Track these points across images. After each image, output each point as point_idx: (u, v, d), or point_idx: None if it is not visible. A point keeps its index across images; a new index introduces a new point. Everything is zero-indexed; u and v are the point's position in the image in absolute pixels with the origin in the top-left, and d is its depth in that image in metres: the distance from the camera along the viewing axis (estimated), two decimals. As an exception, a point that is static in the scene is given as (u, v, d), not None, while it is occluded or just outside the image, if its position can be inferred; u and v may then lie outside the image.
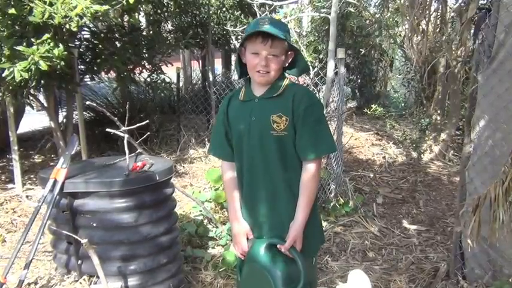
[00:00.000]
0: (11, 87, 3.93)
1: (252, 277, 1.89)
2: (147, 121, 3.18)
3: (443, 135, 5.83)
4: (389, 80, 9.40)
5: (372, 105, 7.98)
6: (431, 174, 5.32)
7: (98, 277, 2.45)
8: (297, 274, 1.76)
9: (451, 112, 5.79)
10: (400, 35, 7.85)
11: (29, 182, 4.98)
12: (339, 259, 3.45)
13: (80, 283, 2.52)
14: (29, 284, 2.61)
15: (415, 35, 4.50)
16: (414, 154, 5.88)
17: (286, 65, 1.91)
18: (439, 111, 6.14)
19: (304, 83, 6.70)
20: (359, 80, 8.77)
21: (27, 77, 3.49)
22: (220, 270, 3.15)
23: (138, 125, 2.93)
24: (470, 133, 2.81)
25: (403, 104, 8.22)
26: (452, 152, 5.79)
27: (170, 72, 6.25)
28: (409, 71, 7.71)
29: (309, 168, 1.82)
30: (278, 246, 1.82)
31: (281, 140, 1.83)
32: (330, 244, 3.67)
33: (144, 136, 3.29)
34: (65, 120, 5.29)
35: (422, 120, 6.28)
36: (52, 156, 5.88)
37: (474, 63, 2.80)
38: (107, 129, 2.80)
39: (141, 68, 5.59)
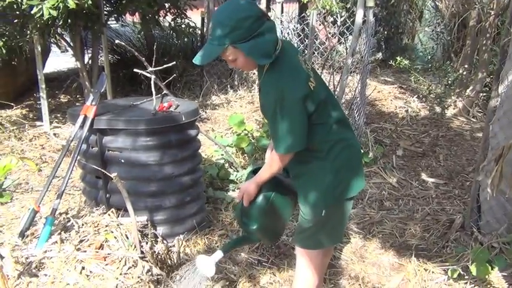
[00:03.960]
0: (38, 25, 3.97)
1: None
2: (174, 62, 3.20)
3: (468, 91, 5.72)
4: (417, 33, 9.13)
5: (397, 58, 7.81)
6: (453, 129, 5.28)
7: (125, 210, 2.58)
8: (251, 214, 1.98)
9: (479, 67, 5.65)
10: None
11: (56, 120, 5.12)
12: (356, 207, 3.53)
13: (109, 215, 2.66)
14: (60, 214, 2.76)
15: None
16: (438, 109, 5.81)
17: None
18: (466, 66, 6.00)
19: (329, 32, 6.59)
20: (386, 32, 8.54)
21: (55, 15, 3.52)
22: (240, 211, 3.26)
23: (164, 66, 2.96)
24: (498, 87, 2.78)
25: (429, 58, 8.01)
26: (477, 108, 5.70)
27: (194, 16, 6.19)
28: (438, 23, 7.47)
29: (273, 155, 1.90)
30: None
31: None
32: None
33: (170, 79, 3.33)
34: (90, 61, 5.35)
35: (449, 74, 6.15)
36: (78, 96, 6.00)
37: (509, 15, 2.72)
38: (135, 70, 2.84)
39: (165, 12, 5.56)
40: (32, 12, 3.57)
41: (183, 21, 5.75)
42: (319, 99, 1.85)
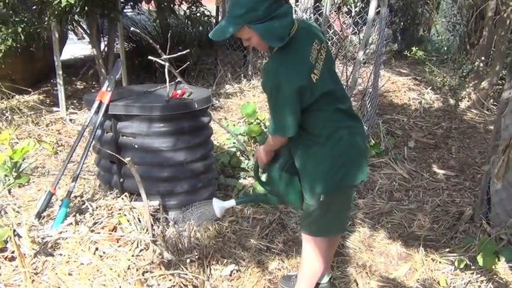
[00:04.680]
0: (56, 12, 4.04)
1: None
2: (188, 50, 3.24)
3: (484, 83, 5.66)
4: (433, 24, 9.02)
5: (412, 49, 7.74)
6: (467, 121, 5.25)
7: (138, 195, 2.64)
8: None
9: (495, 59, 5.59)
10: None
11: (72, 106, 5.20)
12: (366, 197, 3.55)
13: (122, 199, 2.72)
14: (75, 197, 2.83)
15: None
16: (451, 101, 5.77)
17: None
18: (482, 58, 5.93)
19: (344, 22, 6.56)
20: (402, 23, 8.46)
21: (72, 2, 3.58)
22: (251, 199, 3.31)
23: (178, 54, 3.00)
24: (511, 79, 2.76)
25: (445, 49, 7.93)
26: (491, 101, 5.65)
27: (210, 5, 6.21)
28: (455, 14, 7.38)
29: (268, 137, 2.06)
30: None
31: None
32: (360, 182, 3.76)
33: (183, 66, 3.37)
34: (106, 49, 5.41)
35: (464, 66, 6.09)
36: (93, 83, 6.08)
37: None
38: (150, 57, 2.89)
39: (180, 0, 5.58)
40: (50, -1, 3.64)
41: (198, 9, 5.77)
42: (322, 91, 1.88)
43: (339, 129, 1.94)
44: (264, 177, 2.29)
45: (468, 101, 5.73)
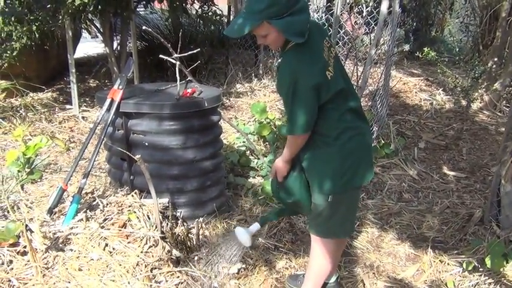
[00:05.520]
0: (70, 11, 4.09)
1: None
2: (199, 49, 3.27)
3: (496, 85, 5.61)
4: (446, 25, 8.95)
5: (424, 49, 7.69)
6: (478, 123, 5.21)
7: (148, 192, 2.67)
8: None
9: (508, 60, 5.53)
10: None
11: (85, 104, 5.27)
12: (375, 197, 3.55)
13: (132, 196, 2.76)
14: (86, 194, 2.87)
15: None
16: (463, 102, 5.73)
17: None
18: (495, 59, 5.88)
19: (356, 22, 6.54)
20: (414, 23, 8.41)
21: (86, 1, 3.62)
22: (260, 198, 3.33)
23: (189, 52, 3.02)
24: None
25: (457, 50, 7.86)
26: (504, 102, 5.59)
27: (221, 4, 6.24)
28: (468, 14, 7.31)
29: (288, 138, 1.98)
30: None
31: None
32: (366, 183, 3.76)
33: (194, 65, 3.39)
34: (119, 47, 5.47)
35: (477, 67, 6.04)
36: (106, 81, 6.14)
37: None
38: (160, 56, 2.92)
39: (193, -1, 5.63)
40: (64, -2, 3.70)
41: (210, 8, 5.80)
42: (336, 89, 1.87)
43: (348, 130, 1.94)
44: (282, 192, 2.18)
45: (480, 103, 5.69)
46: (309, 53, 1.82)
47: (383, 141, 4.28)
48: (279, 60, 1.93)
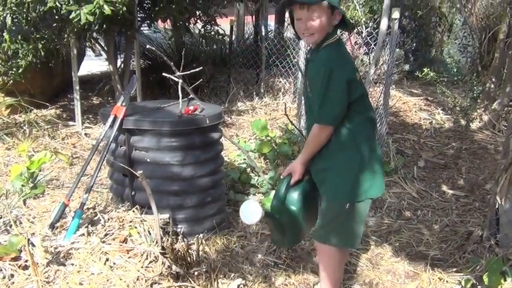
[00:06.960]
0: (75, 30, 4.18)
1: None
2: (201, 68, 3.34)
3: (495, 105, 5.67)
4: (445, 46, 9.07)
5: (424, 70, 7.79)
6: (477, 142, 5.25)
7: (149, 208, 2.70)
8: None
9: (507, 80, 5.60)
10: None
11: (88, 121, 5.33)
12: (374, 215, 3.57)
13: (133, 211, 2.79)
14: (88, 209, 2.90)
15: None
16: (463, 122, 5.78)
17: (336, 22, 1.96)
18: (493, 80, 5.95)
19: (356, 42, 6.65)
20: (414, 44, 8.53)
21: (91, 20, 3.71)
22: (260, 214, 3.34)
23: (192, 71, 3.09)
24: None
25: (455, 70, 7.96)
26: (503, 122, 5.64)
27: (224, 25, 6.35)
28: (466, 36, 7.43)
29: (314, 128, 1.99)
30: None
31: (310, 99, 2.03)
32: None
33: (196, 83, 3.46)
34: (122, 65, 5.56)
35: (475, 87, 6.11)
36: (109, 98, 6.22)
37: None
38: (163, 74, 2.98)
39: (196, 19, 5.73)
40: (70, 17, 3.78)
41: (212, 28, 5.91)
42: (361, 91, 1.96)
43: (368, 139, 2.00)
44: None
45: (479, 122, 5.74)
46: (345, 51, 1.99)
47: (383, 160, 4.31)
48: (309, 55, 2.03)
